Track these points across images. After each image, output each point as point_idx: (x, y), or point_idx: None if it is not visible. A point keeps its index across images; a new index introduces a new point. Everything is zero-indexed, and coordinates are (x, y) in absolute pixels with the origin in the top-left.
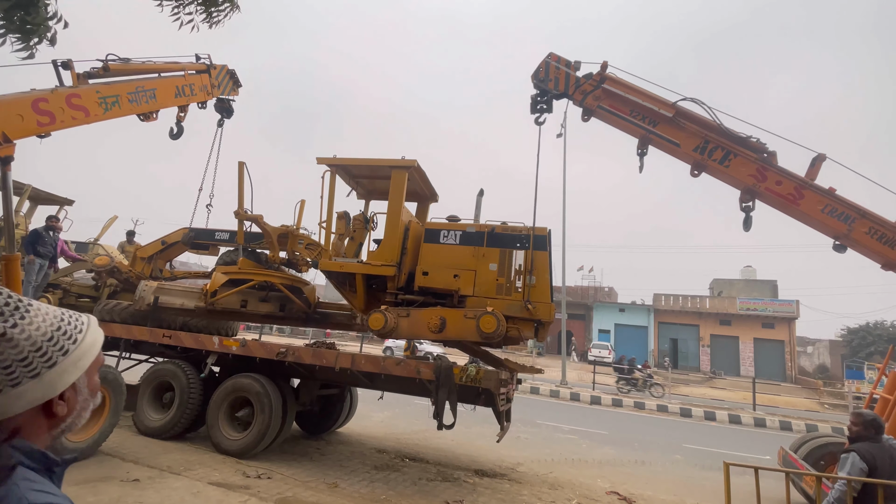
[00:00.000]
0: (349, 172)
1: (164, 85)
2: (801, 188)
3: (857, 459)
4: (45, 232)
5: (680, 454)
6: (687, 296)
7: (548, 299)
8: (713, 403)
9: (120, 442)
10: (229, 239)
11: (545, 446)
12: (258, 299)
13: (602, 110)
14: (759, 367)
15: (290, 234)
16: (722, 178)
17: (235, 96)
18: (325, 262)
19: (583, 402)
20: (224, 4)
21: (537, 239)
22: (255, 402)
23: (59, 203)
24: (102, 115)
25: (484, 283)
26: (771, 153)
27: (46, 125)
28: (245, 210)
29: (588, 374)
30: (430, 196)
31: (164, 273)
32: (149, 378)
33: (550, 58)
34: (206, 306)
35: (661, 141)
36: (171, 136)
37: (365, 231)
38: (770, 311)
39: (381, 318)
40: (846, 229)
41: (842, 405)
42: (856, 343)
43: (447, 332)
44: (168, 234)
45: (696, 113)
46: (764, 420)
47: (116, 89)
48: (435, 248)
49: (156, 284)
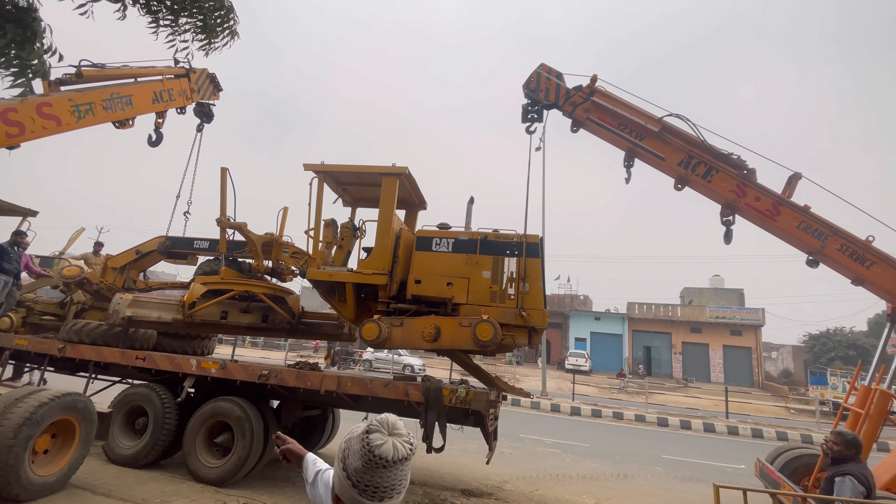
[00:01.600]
0: (336, 179)
1: (141, 90)
2: (777, 205)
3: (855, 484)
4: (9, 247)
5: (660, 465)
6: (659, 304)
7: (541, 306)
8: (688, 412)
9: (90, 472)
10: (209, 248)
11: (530, 462)
12: (239, 310)
13: (591, 122)
14: (729, 373)
15: (275, 243)
16: (704, 192)
17: (216, 100)
18: (313, 272)
19: (563, 413)
20: (224, 34)
21: (530, 246)
22: (235, 427)
23: (21, 214)
24: (75, 123)
25: (477, 290)
26: (750, 170)
27: (16, 136)
28: (228, 217)
29: (566, 383)
30: (418, 203)
31: (137, 284)
32: (120, 402)
33: (541, 68)
34: (184, 319)
35: (647, 154)
36: (150, 143)
37: (353, 239)
38: (738, 318)
39: (374, 327)
40: (819, 245)
41: (808, 410)
42: (817, 349)
43: (442, 341)
44: (143, 243)
45: (681, 129)
46: (737, 428)
47: (90, 96)
48: (427, 255)
49: (131, 297)
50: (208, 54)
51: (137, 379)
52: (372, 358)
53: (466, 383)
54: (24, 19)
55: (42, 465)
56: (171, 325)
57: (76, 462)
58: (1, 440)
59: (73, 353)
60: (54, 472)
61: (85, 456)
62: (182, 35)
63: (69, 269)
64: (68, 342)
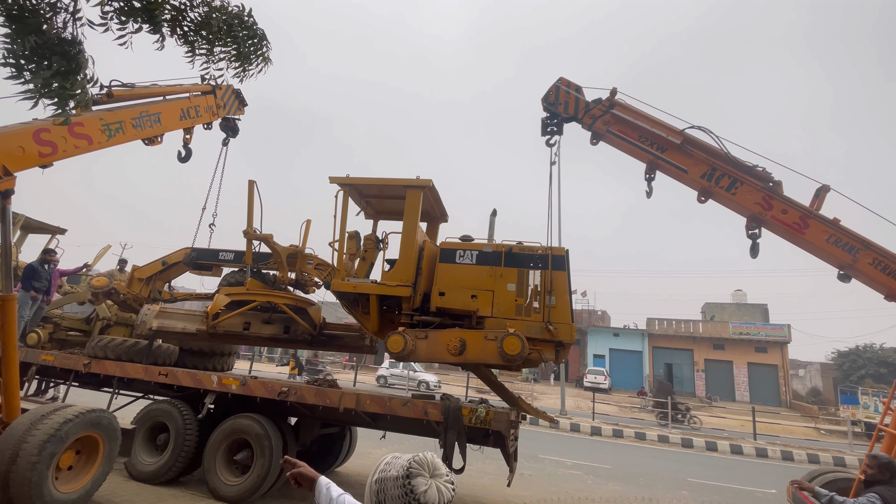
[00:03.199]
0: (360, 192)
1: (169, 108)
2: (806, 217)
3: (878, 500)
4: (40, 266)
5: (686, 489)
6: (680, 320)
7: (568, 320)
8: (714, 433)
9: (111, 489)
10: (234, 259)
11: (550, 483)
12: (261, 321)
13: (611, 135)
14: (754, 392)
15: (300, 254)
16: (728, 204)
17: (241, 115)
18: (337, 283)
19: (583, 433)
20: (257, 61)
21: (556, 259)
22: (254, 445)
23: (50, 232)
24: (106, 142)
25: (502, 303)
26: (777, 182)
27: (48, 155)
28: (254, 229)
29: (584, 402)
30: (440, 216)
31: (163, 295)
32: (143, 418)
33: (560, 82)
34: (207, 329)
35: (669, 167)
36: (180, 159)
37: (376, 251)
38: (762, 335)
39: (400, 340)
40: (851, 260)
41: (839, 431)
42: (847, 366)
43: (467, 355)
44: (168, 255)
45: (703, 140)
46: (766, 450)
47: (120, 115)
48: (451, 268)
49: (158, 308)
50: (242, 81)
51: (159, 395)
52: (387, 374)
53: (486, 402)
54: (69, 51)
55: (65, 481)
56: (195, 336)
57: (99, 479)
58: (25, 456)
59: (97, 368)
60: (77, 488)
61: (108, 472)
62: (217, 63)
63: (98, 279)
64: (93, 358)
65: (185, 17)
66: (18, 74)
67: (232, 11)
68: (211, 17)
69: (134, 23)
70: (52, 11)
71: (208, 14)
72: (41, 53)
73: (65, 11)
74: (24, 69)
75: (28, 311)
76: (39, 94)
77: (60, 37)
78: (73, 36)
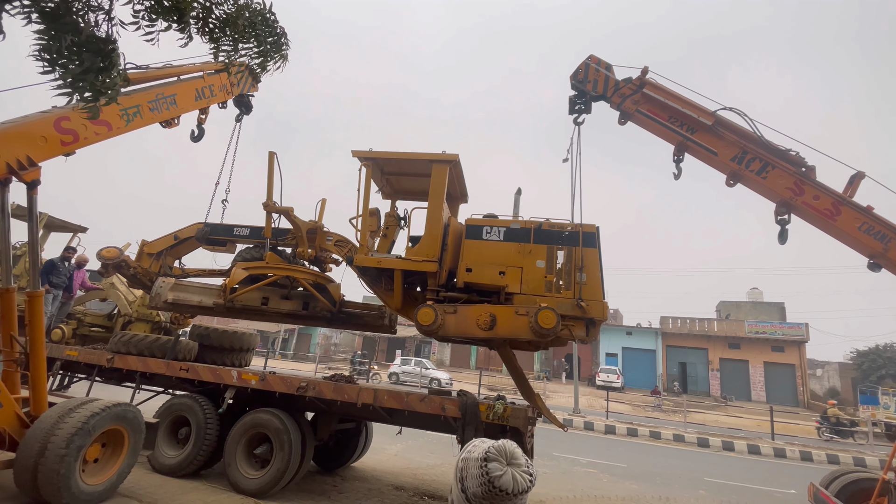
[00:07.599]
0: (381, 168)
1: (184, 89)
2: (838, 204)
3: None
4: (59, 262)
5: (703, 489)
6: (694, 318)
7: (600, 297)
8: (730, 433)
9: (135, 482)
10: (250, 235)
11: (566, 481)
12: (280, 297)
13: (640, 115)
14: (771, 392)
15: (319, 230)
16: (758, 189)
17: (255, 91)
18: (361, 258)
19: (597, 431)
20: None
21: (586, 236)
22: (274, 439)
23: (72, 230)
24: (125, 127)
25: (532, 280)
26: (809, 167)
27: (70, 143)
28: (274, 202)
29: (597, 401)
30: (460, 196)
31: (174, 271)
32: (165, 412)
33: (590, 60)
34: (224, 304)
35: (699, 149)
36: (193, 138)
37: (397, 229)
38: (779, 334)
39: (430, 312)
40: (882, 248)
41: (860, 431)
42: (866, 366)
43: (498, 330)
44: (181, 229)
45: (735, 123)
46: (784, 450)
47: (136, 99)
48: (478, 244)
49: (172, 281)
50: (261, 74)
51: (180, 389)
52: (399, 371)
53: (503, 398)
54: (103, 49)
55: (92, 474)
56: (210, 309)
57: (124, 471)
58: (53, 449)
59: (120, 363)
60: (103, 480)
61: (132, 465)
62: (238, 59)
63: (108, 250)
64: (116, 353)
65: (212, 15)
66: (52, 69)
67: (255, 8)
68: (239, 16)
69: (164, 21)
70: (87, 10)
71: (237, 12)
72: (75, 51)
73: (100, 10)
74: (56, 63)
75: (49, 307)
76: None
77: (95, 35)
78: (108, 34)
